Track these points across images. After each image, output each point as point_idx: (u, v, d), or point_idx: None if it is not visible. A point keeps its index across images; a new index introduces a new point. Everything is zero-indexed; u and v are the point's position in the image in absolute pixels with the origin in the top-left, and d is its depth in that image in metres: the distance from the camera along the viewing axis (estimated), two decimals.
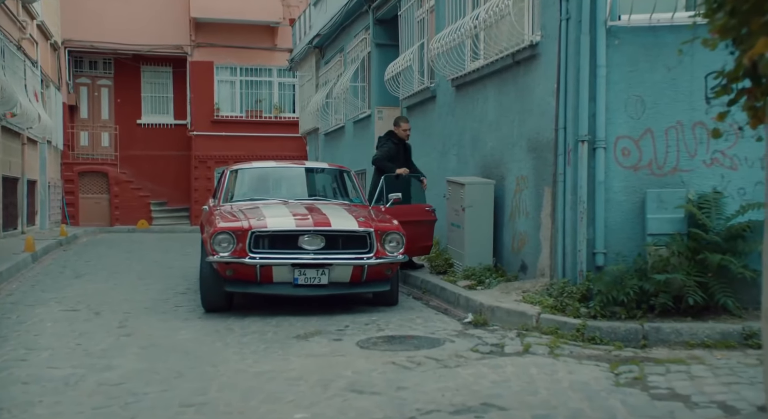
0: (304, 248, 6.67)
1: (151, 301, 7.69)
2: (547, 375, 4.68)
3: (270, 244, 6.68)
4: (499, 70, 7.80)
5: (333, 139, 16.45)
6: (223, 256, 6.61)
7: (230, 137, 23.56)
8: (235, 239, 6.62)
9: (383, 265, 6.75)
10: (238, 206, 7.65)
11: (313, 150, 18.94)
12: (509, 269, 7.51)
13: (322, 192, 8.24)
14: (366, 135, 13.53)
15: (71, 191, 22.85)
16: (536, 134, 7.00)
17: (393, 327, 6.29)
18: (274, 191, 8.00)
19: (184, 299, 7.83)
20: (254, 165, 8.54)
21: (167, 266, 10.87)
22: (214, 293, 6.86)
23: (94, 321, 6.69)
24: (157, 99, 24.88)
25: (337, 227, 6.72)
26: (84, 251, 13.59)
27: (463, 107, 8.95)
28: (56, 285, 8.89)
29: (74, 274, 9.95)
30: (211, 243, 6.63)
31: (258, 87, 24.38)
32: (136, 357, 5.35)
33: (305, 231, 6.66)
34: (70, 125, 23.51)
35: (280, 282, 6.68)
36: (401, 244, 6.83)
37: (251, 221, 6.74)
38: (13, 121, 14.67)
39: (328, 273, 6.63)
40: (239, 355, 5.38)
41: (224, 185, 8.06)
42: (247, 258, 6.58)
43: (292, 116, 24.46)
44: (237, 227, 6.66)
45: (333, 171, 8.62)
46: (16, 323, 6.62)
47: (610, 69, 6.09)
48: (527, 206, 7.17)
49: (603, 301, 5.78)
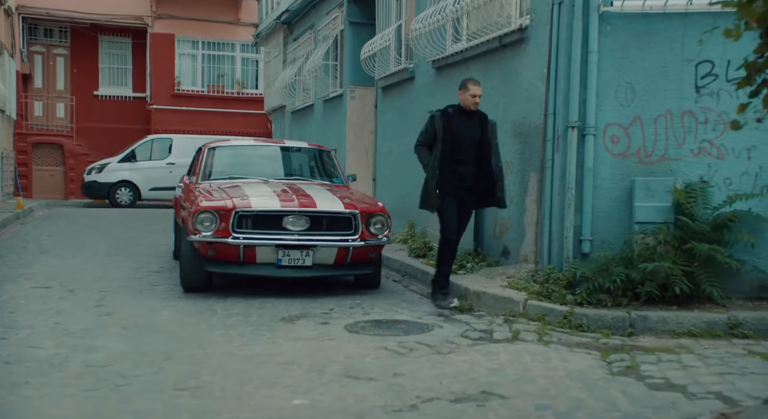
0: (288, 229, 6.57)
1: (125, 279, 7.49)
2: (542, 363, 4.70)
3: (253, 224, 6.55)
4: (484, 53, 7.76)
5: (301, 117, 16.24)
6: (205, 236, 6.46)
7: (191, 111, 23.08)
8: (218, 219, 6.47)
9: (368, 247, 6.69)
10: (218, 184, 7.48)
11: (278, 128, 18.68)
12: (490, 255, 7.52)
13: (302, 172, 8.12)
14: (337, 114, 13.38)
15: (24, 163, 22.10)
16: (522, 119, 7.00)
17: (378, 310, 6.25)
18: (254, 170, 7.84)
19: (160, 278, 7.65)
20: (233, 142, 8.36)
21: (135, 243, 10.61)
22: (194, 273, 6.71)
23: (70, 299, 6.49)
24: (116, 70, 24.20)
25: (322, 209, 6.63)
26: (44, 225, 13.17)
27: (444, 88, 8.89)
28: (22, 261, 8.59)
29: (39, 249, 9.64)
30: (193, 222, 6.47)
31: (220, 62, 23.92)
32: (119, 338, 5.20)
33: (290, 212, 6.55)
34: (24, 94, 22.70)
35: (264, 263, 6.56)
36: (386, 226, 6.78)
37: (234, 200, 6.59)
38: None
39: (312, 255, 6.55)
40: (226, 338, 5.28)
41: (202, 162, 7.87)
42: (231, 238, 6.44)
43: (255, 93, 24.08)
44: (220, 207, 6.51)
45: (313, 151, 8.49)
46: None
47: (602, 55, 6.09)
48: (512, 191, 7.18)
49: (589, 288, 5.83)
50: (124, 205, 19.32)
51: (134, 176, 19.44)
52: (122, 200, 19.44)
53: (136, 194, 19.50)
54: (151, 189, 19.46)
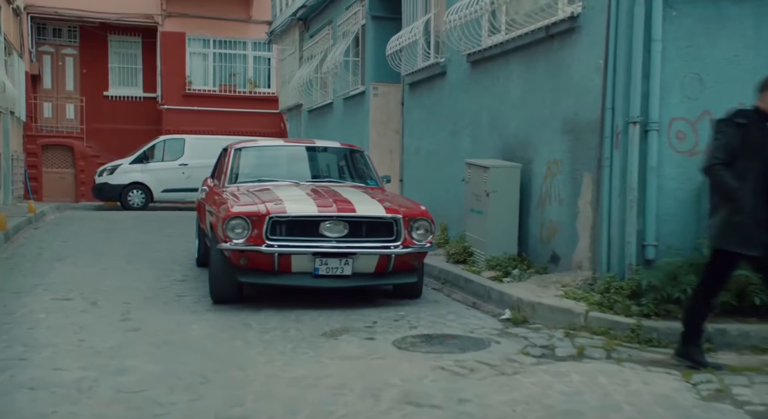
0: (326, 236, 6.11)
1: (149, 289, 7.05)
2: (621, 386, 4.24)
3: (288, 231, 6.09)
4: (527, 44, 7.28)
5: (318, 116, 15.78)
6: (236, 243, 6.01)
7: (203, 111, 22.63)
8: (250, 225, 6.02)
9: (411, 255, 6.23)
10: (246, 187, 7.04)
11: (294, 127, 18.23)
12: (536, 260, 7.05)
13: (334, 173, 7.66)
14: (359, 112, 12.92)
15: (34, 165, 21.70)
16: (574, 115, 6.52)
17: (425, 323, 5.79)
18: (283, 172, 7.39)
19: (185, 287, 7.20)
20: (260, 143, 7.90)
21: (153, 249, 10.18)
22: (225, 284, 6.26)
23: (93, 312, 6.05)
24: (126, 70, 23.78)
25: (362, 213, 6.17)
26: (57, 230, 12.76)
27: (480, 84, 8.42)
28: (38, 269, 8.16)
29: (55, 256, 9.20)
30: (223, 229, 6.02)
31: (232, 60, 23.46)
32: (150, 357, 4.76)
33: (328, 217, 6.09)
34: (33, 95, 22.31)
35: (299, 273, 6.11)
36: (429, 232, 6.31)
37: (268, 205, 6.14)
38: None
39: (351, 263, 6.09)
40: (265, 356, 4.83)
41: (228, 164, 7.41)
42: (264, 246, 5.99)
43: (267, 92, 23.65)
44: (252, 212, 6.05)
45: (345, 151, 8.02)
46: (4, 313, 5.95)
47: (666, 44, 5.62)
48: (560, 192, 6.71)
49: (657, 298, 5.37)
50: (136, 207, 18.90)
51: (146, 177, 19.01)
52: (134, 203, 19.01)
53: (148, 196, 19.08)
54: (164, 191, 19.04)
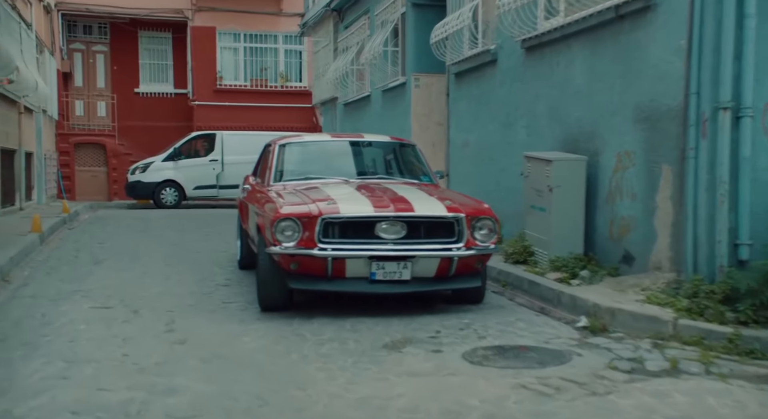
0: (382, 238, 5.64)
1: (191, 296, 6.65)
2: (737, 410, 3.72)
3: (341, 232, 5.64)
4: (593, 27, 6.73)
5: (355, 109, 15.33)
6: (287, 247, 5.58)
7: (234, 107, 22.31)
8: (301, 227, 5.58)
9: (474, 257, 5.74)
10: (293, 185, 6.61)
11: (329, 121, 17.80)
12: (605, 260, 6.52)
13: (385, 169, 7.19)
14: (399, 104, 12.44)
15: (67, 164, 21.60)
16: (649, 102, 5.97)
17: (494, 333, 5.30)
18: (331, 168, 6.93)
19: (230, 293, 6.79)
20: (305, 138, 7.44)
21: (192, 249, 9.81)
22: (274, 290, 5.84)
23: (135, 322, 5.66)
24: (156, 66, 23.56)
25: (422, 213, 5.69)
26: (91, 230, 12.48)
27: (537, 71, 7.89)
28: (76, 274, 7.82)
29: (92, 259, 8.87)
30: (272, 231, 5.59)
31: (263, 54, 23.11)
32: (200, 375, 4.34)
33: (385, 217, 5.63)
34: (65, 93, 22.18)
35: (354, 278, 5.66)
36: (494, 231, 5.82)
37: (319, 205, 5.69)
38: (10, 88, 13.43)
39: (410, 267, 5.62)
40: (325, 372, 4.39)
41: (272, 161, 6.97)
42: (316, 250, 5.55)
43: (299, 86, 23.27)
44: (303, 213, 5.61)
45: (395, 145, 7.53)
46: (42, 324, 5.58)
47: (761, 20, 5.06)
48: (634, 186, 6.17)
49: (755, 304, 4.83)
50: (169, 205, 18.66)
51: (178, 175, 18.75)
52: (167, 201, 18.78)
53: (180, 193, 18.83)
54: (195, 188, 18.78)
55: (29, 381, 4.24)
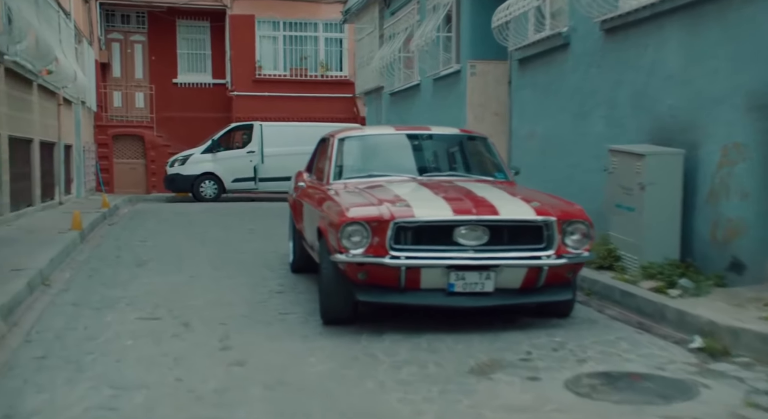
0: (461, 244, 5.00)
1: (245, 304, 6.08)
2: None
3: (415, 238, 5.01)
4: (692, 3, 5.98)
5: (402, 99, 14.66)
6: (354, 255, 4.96)
7: (273, 97, 21.79)
8: (370, 232, 4.95)
9: (566, 266, 5.06)
10: (354, 184, 5.99)
11: (373, 112, 17.16)
12: (707, 267, 5.79)
13: (455, 166, 6.54)
14: (452, 94, 11.75)
15: (105, 156, 21.30)
16: (767, 88, 5.22)
17: (594, 355, 4.62)
18: (396, 165, 6.30)
19: (286, 301, 6.21)
20: (366, 131, 6.80)
21: (238, 249, 9.27)
22: (339, 302, 5.23)
23: (186, 337, 5.10)
24: (194, 56, 23.15)
25: (508, 216, 5.03)
26: (132, 226, 12.05)
27: (618, 55, 7.15)
28: (119, 277, 7.32)
29: (134, 260, 8.37)
30: (337, 237, 4.97)
31: (303, 43, 22.54)
32: (265, 406, 3.76)
33: (466, 221, 4.98)
34: (103, 84, 21.88)
35: (430, 289, 5.02)
36: (588, 237, 5.13)
37: (390, 207, 5.06)
38: (50, 79, 13.04)
39: (494, 278, 4.97)
40: (409, 406, 3.77)
41: (331, 157, 6.35)
42: (388, 258, 4.92)
43: (339, 75, 22.67)
44: (374, 217, 4.98)
45: (465, 138, 6.85)
46: (86, 339, 5.06)
47: None
48: (744, 184, 5.43)
49: None
50: (208, 199, 18.24)
51: (217, 167, 18.32)
52: (206, 194, 18.36)
53: (220, 186, 18.39)
54: (234, 181, 18.34)
55: (73, 411, 3.70)
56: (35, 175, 12.52)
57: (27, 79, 11.92)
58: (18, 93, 11.49)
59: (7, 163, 10.59)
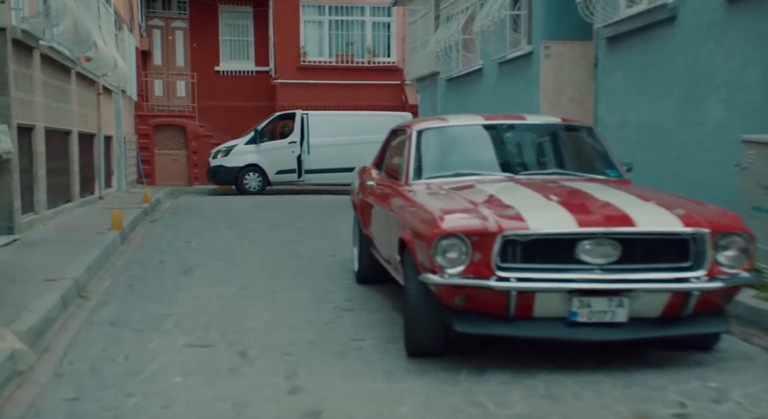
0: (585, 262, 4.00)
1: (310, 327, 5.16)
2: None
3: (525, 254, 4.02)
4: None
5: (461, 85, 13.62)
6: (451, 275, 4.00)
7: (318, 85, 20.89)
8: (470, 247, 3.98)
9: (722, 291, 4.03)
10: (439, 184, 5.02)
11: (427, 100, 16.14)
12: None
13: (559, 161, 5.50)
14: (521, 79, 10.69)
15: (146, 147, 20.67)
16: None
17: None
18: (488, 161, 5.31)
19: (357, 322, 5.26)
20: (451, 122, 5.76)
21: (292, 252, 8.37)
22: (428, 331, 4.28)
23: (245, 372, 4.19)
24: (237, 43, 22.37)
25: (649, 228, 4.00)
26: (175, 224, 11.26)
27: (748, 29, 6.03)
28: (162, 287, 6.47)
29: (179, 267, 7.53)
30: (429, 253, 4.02)
31: (349, 28, 21.56)
32: None
33: (592, 234, 3.98)
34: (144, 72, 21.22)
35: (545, 318, 4.04)
36: (747, 252, 4.08)
37: (497, 216, 4.08)
38: (89, 66, 12.30)
39: (628, 305, 3.96)
40: None
41: (410, 152, 5.37)
42: (494, 279, 3.95)
43: (387, 61, 21.68)
44: (476, 228, 4.00)
45: (567, 128, 5.80)
46: (126, 373, 4.19)
47: None
48: None
49: None
50: (252, 192, 17.47)
51: (261, 159, 17.53)
52: (251, 187, 17.59)
53: (264, 179, 17.60)
54: (277, 173, 17.54)
55: None
56: (74, 169, 11.81)
57: (65, 66, 11.18)
58: (55, 82, 10.76)
59: (43, 157, 9.86)
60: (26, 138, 9.29)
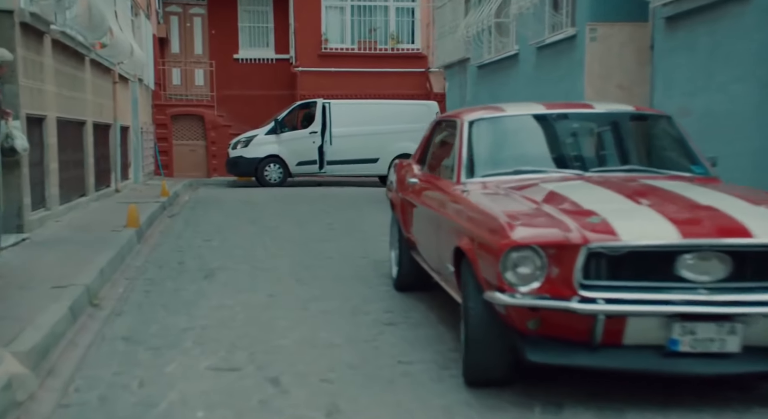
0: (687, 280, 3.33)
1: (349, 346, 4.52)
2: None
3: (611, 270, 3.36)
4: None
5: (494, 72, 12.89)
6: (524, 294, 3.35)
7: (340, 72, 20.19)
8: (547, 262, 3.33)
9: None
10: (497, 183, 4.36)
11: (455, 88, 15.42)
12: None
13: (636, 156, 4.80)
14: (563, 64, 9.97)
15: (164, 137, 20.10)
16: None
17: None
18: (553, 156, 4.65)
19: (402, 341, 4.62)
20: (509, 111, 5.04)
21: (321, 253, 7.74)
22: (493, 359, 3.64)
23: (278, 405, 3.57)
24: (256, 30, 21.73)
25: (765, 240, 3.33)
26: (194, 219, 10.68)
27: None
28: (182, 295, 5.87)
29: (200, 268, 6.93)
30: (497, 268, 3.36)
31: (371, 13, 20.84)
32: None
33: (698, 247, 3.30)
34: (161, 60, 20.65)
35: (638, 346, 3.38)
36: None
37: (579, 224, 3.41)
38: (104, 53, 11.71)
39: (740, 331, 3.29)
40: None
41: (460, 147, 4.69)
42: (577, 300, 3.29)
43: (410, 48, 20.94)
44: (555, 239, 3.34)
45: (641, 118, 5.10)
46: (141, 404, 3.60)
47: None
48: None
49: None
50: (273, 183, 16.87)
51: (282, 149, 16.91)
52: (271, 178, 16.99)
53: (285, 170, 16.99)
54: (298, 164, 16.93)
55: None
56: (88, 161, 11.25)
57: (78, 53, 10.59)
58: (68, 69, 10.18)
59: (55, 149, 9.29)
60: (37, 129, 8.72)
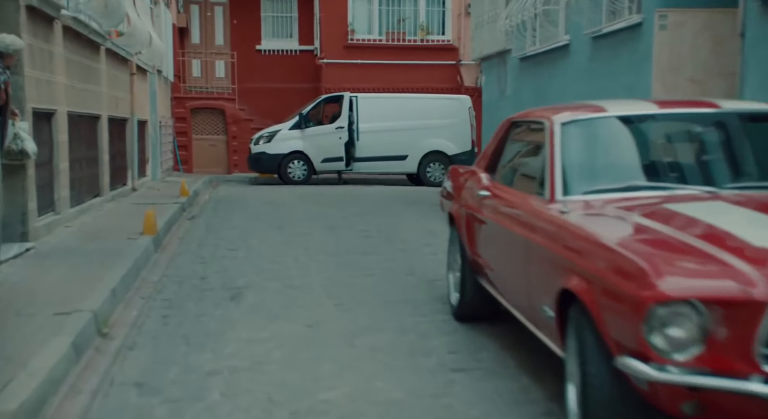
0: None
1: (412, 403, 3.60)
2: None
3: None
4: None
5: (538, 65, 11.91)
6: (678, 365, 2.44)
7: (367, 65, 19.25)
8: (710, 321, 2.41)
9: None
10: (604, 202, 3.44)
11: (492, 82, 14.45)
12: None
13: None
14: (624, 56, 8.98)
15: (183, 132, 19.30)
16: None
17: None
18: (677, 169, 3.71)
19: (478, 396, 3.70)
20: (612, 111, 4.04)
21: (359, 268, 6.84)
22: None
23: None
24: (280, 20, 20.85)
25: None
26: (216, 224, 9.84)
27: None
28: (205, 322, 4.98)
29: (225, 287, 6.05)
30: (640, 327, 2.46)
31: (400, 3, 19.87)
32: None
33: None
34: (180, 51, 19.84)
35: None
36: None
37: (763, 270, 2.49)
38: (120, 42, 10.89)
39: None
40: None
41: (553, 156, 3.75)
42: (760, 380, 2.38)
43: (441, 40, 19.98)
44: (728, 296, 2.42)
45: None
46: None
47: None
48: None
49: None
50: (296, 181, 16.01)
51: (306, 145, 16.05)
52: (295, 175, 16.14)
53: (309, 167, 16.14)
54: (323, 161, 16.06)
55: None
56: (103, 159, 10.44)
57: (92, 42, 9.77)
58: (81, 59, 9.37)
59: (65, 146, 8.48)
60: (45, 126, 7.90)
